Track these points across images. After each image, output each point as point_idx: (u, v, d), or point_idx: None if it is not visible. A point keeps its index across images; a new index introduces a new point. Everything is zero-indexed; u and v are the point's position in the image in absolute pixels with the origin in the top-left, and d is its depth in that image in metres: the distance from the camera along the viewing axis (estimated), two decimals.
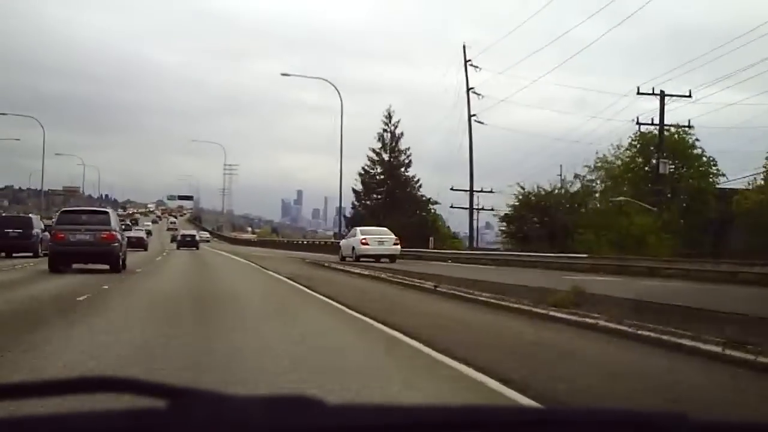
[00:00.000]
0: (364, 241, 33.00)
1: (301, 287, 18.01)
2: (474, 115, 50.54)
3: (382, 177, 62.54)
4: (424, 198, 61.57)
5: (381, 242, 33.15)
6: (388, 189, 61.54)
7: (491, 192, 55.57)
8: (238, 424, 1.10)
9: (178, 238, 65.39)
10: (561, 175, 48.87)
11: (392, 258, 32.98)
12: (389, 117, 62.57)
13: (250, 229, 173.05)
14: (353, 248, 33.29)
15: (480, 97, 50.51)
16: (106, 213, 23.29)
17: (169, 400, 1.10)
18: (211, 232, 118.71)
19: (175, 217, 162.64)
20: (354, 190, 62.26)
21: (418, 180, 62.30)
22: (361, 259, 32.31)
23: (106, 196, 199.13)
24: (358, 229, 36.30)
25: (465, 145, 50.31)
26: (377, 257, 32.79)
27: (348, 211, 62.03)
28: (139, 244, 51.40)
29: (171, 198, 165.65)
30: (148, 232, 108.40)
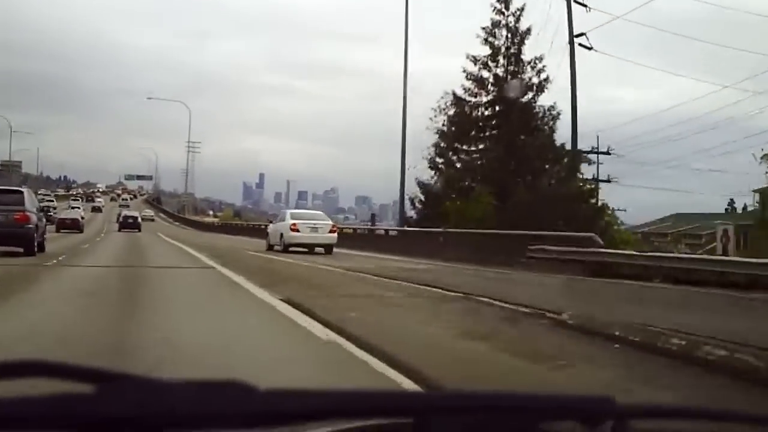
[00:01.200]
0: (294, 226, 27.31)
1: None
2: (582, 34, 33.33)
3: (489, 113, 37.24)
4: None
5: (314, 229, 27.48)
6: (508, 135, 35.77)
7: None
8: (167, 408, 1.08)
9: (120, 219, 61.32)
10: None
11: (327, 248, 27.48)
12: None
13: (211, 212, 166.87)
14: (281, 235, 27.66)
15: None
16: (21, 192, 21.76)
17: (96, 384, 1.09)
18: (171, 215, 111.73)
19: (134, 197, 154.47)
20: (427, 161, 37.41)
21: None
22: (291, 249, 26.84)
23: (65, 177, 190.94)
24: (288, 211, 30.51)
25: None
26: (309, 246, 27.26)
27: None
28: (74, 225, 49.48)
29: (129, 178, 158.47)
30: (98, 209, 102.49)
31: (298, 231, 27.17)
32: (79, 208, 72.19)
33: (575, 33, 33.53)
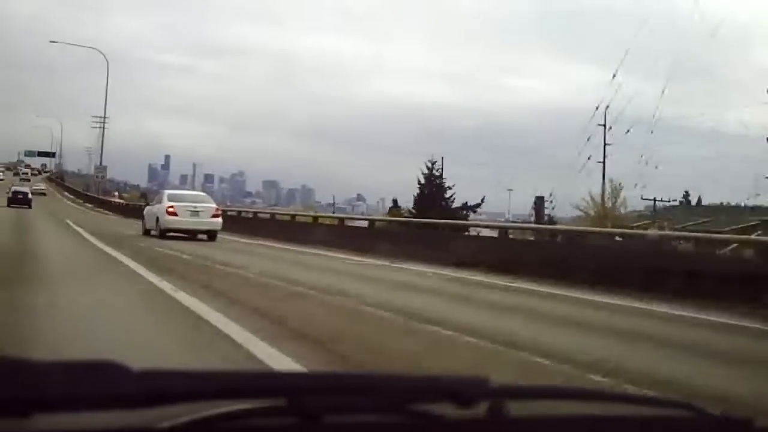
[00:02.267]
0: (171, 209, 24.25)
1: None
2: None
3: None
4: None
5: (195, 213, 24.49)
6: None
7: None
8: (35, 389, 1.06)
9: (9, 194, 56.23)
10: None
11: (211, 235, 24.57)
12: None
13: (117, 193, 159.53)
14: (157, 219, 24.59)
15: None
16: None
17: None
18: (80, 194, 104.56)
19: (39, 172, 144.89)
20: None
21: None
22: (168, 235, 23.83)
23: None
24: (166, 192, 27.30)
25: None
26: (189, 232, 24.29)
27: None
28: None
29: (30, 154, 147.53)
30: None
31: (176, 215, 24.13)
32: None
33: None
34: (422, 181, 52.31)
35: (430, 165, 52.69)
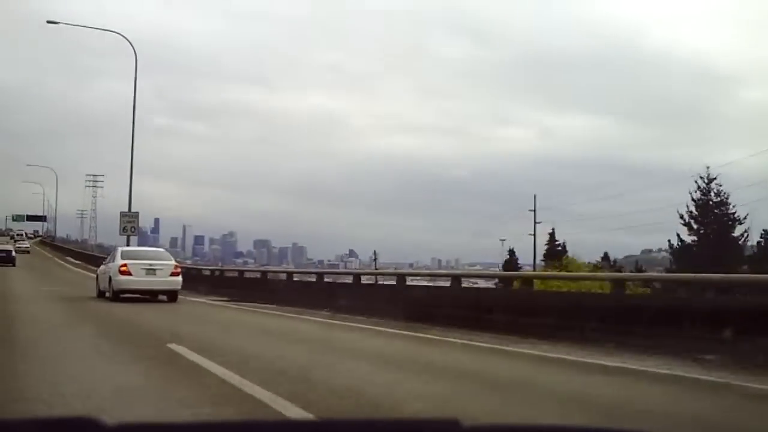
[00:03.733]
0: (124, 268, 21.95)
1: None
2: None
3: None
4: None
5: (151, 271, 22.20)
6: None
7: None
8: None
9: None
10: None
11: (170, 295, 22.28)
12: None
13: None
14: (110, 280, 22.27)
15: None
16: None
17: None
18: (83, 255, 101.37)
19: (33, 236, 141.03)
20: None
21: None
22: (123, 296, 21.55)
23: None
24: (120, 249, 25.04)
25: None
26: (145, 293, 22.01)
27: None
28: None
29: (18, 218, 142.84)
30: None
31: (130, 274, 21.83)
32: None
33: None
34: None
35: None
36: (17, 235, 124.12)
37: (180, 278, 22.80)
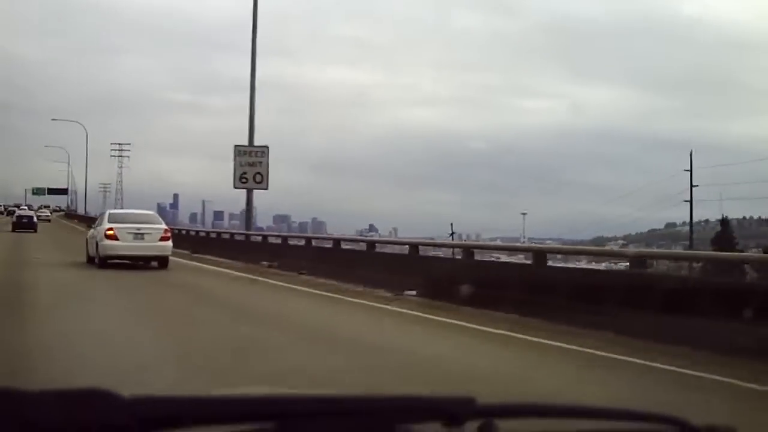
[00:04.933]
0: (110, 233, 20.72)
1: None
2: None
3: None
4: None
5: (139, 236, 20.95)
6: None
7: None
8: (29, 421, 1.05)
9: (14, 219, 54.92)
10: None
11: (161, 261, 21.06)
12: None
13: None
14: (97, 245, 21.05)
15: None
16: None
17: None
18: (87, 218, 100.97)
19: (58, 209, 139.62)
20: None
21: None
22: (110, 262, 20.38)
23: None
24: (107, 212, 23.84)
25: None
26: (133, 259, 20.77)
27: None
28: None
29: (38, 191, 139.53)
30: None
31: (116, 239, 20.62)
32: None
33: None
34: None
35: None
36: (43, 207, 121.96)
37: (170, 243, 21.56)
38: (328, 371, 7.40)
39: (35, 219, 55.23)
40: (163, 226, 22.09)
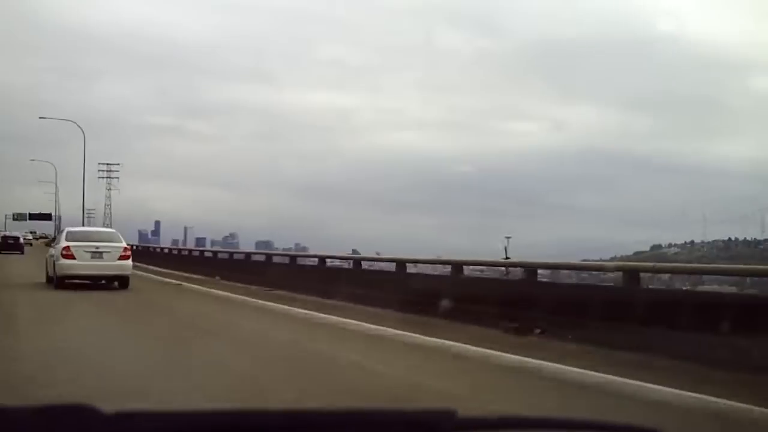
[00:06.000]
0: (67, 251, 19.97)
1: None
2: None
3: None
4: None
5: (98, 254, 20.21)
6: None
7: None
8: None
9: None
10: None
11: (121, 281, 20.28)
12: None
13: None
14: (54, 264, 20.27)
15: None
16: None
17: None
18: None
19: (43, 237, 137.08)
20: None
21: None
22: (68, 282, 19.60)
23: None
24: (66, 230, 23.08)
25: None
26: (92, 279, 20.00)
27: None
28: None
29: (19, 217, 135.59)
30: None
31: (73, 258, 19.89)
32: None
33: None
34: None
35: None
36: (29, 233, 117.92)
37: (130, 262, 20.82)
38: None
39: (22, 240, 55.73)
40: (123, 244, 21.33)
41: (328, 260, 22.65)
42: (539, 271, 14.31)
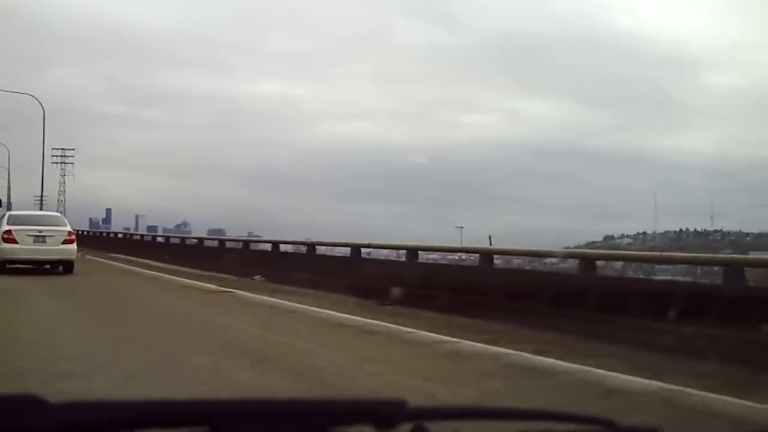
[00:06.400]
0: (8, 235, 19.32)
1: None
2: None
3: None
4: None
5: (41, 238, 19.61)
6: None
7: None
8: None
9: None
10: None
11: (66, 266, 19.69)
12: None
13: None
14: None
15: None
16: None
17: None
18: None
19: None
20: None
21: None
22: (10, 266, 18.99)
23: None
24: (7, 214, 22.39)
25: None
26: (35, 263, 19.42)
27: None
28: None
29: None
30: None
31: (14, 242, 19.26)
32: None
33: None
34: None
35: None
36: None
37: (74, 246, 20.23)
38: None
39: None
40: (67, 228, 20.71)
41: (281, 245, 22.52)
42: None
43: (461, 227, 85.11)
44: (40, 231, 19.67)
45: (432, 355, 8.50)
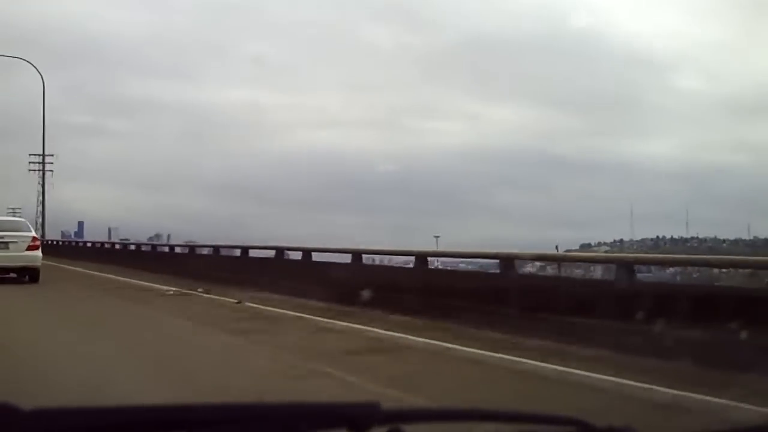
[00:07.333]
0: None
1: None
2: None
3: None
4: None
5: (3, 244, 19.08)
6: None
7: None
8: None
9: None
10: None
11: (31, 274, 19.17)
12: None
13: None
14: None
15: None
16: None
17: None
18: None
19: None
20: None
21: None
22: None
23: None
24: None
25: None
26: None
27: None
28: None
29: None
30: None
31: None
32: None
33: None
34: None
35: None
36: None
37: (39, 253, 19.74)
38: None
39: None
40: (32, 233, 20.27)
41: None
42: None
43: (437, 236, 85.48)
44: (2, 237, 19.18)
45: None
